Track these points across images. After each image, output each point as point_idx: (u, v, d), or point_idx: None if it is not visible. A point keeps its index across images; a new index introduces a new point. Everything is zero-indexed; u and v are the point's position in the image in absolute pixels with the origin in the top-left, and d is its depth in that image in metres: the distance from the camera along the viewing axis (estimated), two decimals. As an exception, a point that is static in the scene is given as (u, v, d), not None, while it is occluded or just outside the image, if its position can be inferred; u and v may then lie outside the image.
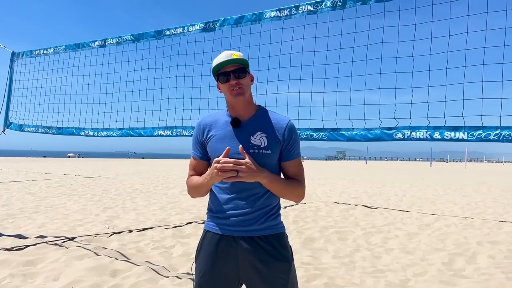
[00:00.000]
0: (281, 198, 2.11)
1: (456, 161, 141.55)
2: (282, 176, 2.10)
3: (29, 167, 27.45)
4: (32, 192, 12.12)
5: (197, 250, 2.12)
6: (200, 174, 2.11)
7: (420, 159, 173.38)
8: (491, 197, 14.06)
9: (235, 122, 2.03)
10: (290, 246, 2.07)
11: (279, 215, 2.07)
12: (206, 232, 2.10)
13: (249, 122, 2.04)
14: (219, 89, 2.09)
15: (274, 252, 1.96)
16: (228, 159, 1.85)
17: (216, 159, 1.88)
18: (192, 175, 2.16)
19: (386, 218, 8.86)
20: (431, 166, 63.00)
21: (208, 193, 2.13)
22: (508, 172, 41.93)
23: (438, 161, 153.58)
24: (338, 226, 7.77)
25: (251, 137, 1.99)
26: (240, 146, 1.90)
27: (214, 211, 2.06)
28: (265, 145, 1.97)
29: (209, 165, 2.12)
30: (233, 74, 1.99)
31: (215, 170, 1.86)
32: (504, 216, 9.66)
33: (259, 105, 2.13)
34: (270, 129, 2.01)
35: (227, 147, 1.90)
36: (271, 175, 1.95)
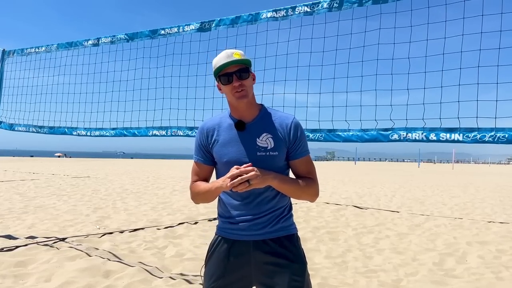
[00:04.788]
0: (291, 198, 2.07)
1: (444, 162, 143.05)
2: (292, 175, 2.05)
3: (16, 167, 27.09)
4: (21, 192, 11.96)
5: (207, 254, 2.08)
6: (204, 179, 2.08)
7: (408, 160, 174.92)
8: (479, 198, 14.24)
9: (240, 125, 1.97)
10: (302, 248, 2.04)
11: (291, 216, 2.03)
12: (217, 237, 2.06)
13: (254, 124, 1.98)
14: (220, 89, 2.01)
15: (288, 254, 1.92)
16: (234, 172, 1.79)
17: (233, 172, 1.82)
18: (196, 181, 2.09)
19: (376, 219, 8.92)
20: (419, 167, 63.60)
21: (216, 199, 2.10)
22: (495, 173, 42.52)
23: (426, 162, 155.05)
24: (329, 227, 7.80)
25: (257, 139, 1.94)
26: (245, 165, 1.84)
27: (225, 216, 2.02)
28: (272, 146, 1.93)
29: (215, 169, 2.10)
30: (235, 75, 1.91)
31: (228, 184, 1.81)
32: (492, 216, 9.80)
33: (261, 105, 2.09)
34: (275, 129, 1.96)
35: (250, 163, 1.84)
36: (280, 175, 1.91)
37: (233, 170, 1.81)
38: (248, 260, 1.94)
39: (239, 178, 1.77)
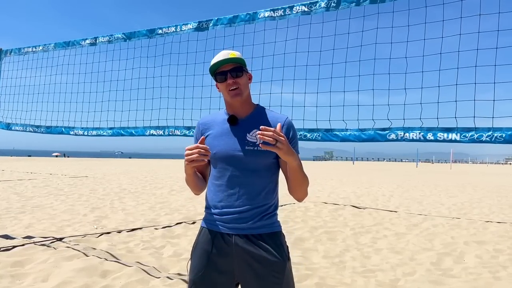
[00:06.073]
0: (278, 198, 2.10)
1: (442, 162, 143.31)
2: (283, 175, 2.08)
3: (14, 166, 27.03)
4: (18, 192, 11.92)
5: (193, 247, 2.11)
6: (199, 172, 2.15)
7: (406, 160, 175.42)
8: (477, 197, 14.27)
9: (232, 120, 2.04)
10: (287, 246, 2.06)
11: (275, 214, 2.06)
12: (202, 229, 2.10)
13: (246, 120, 2.05)
14: (218, 88, 2.10)
15: (268, 251, 1.95)
16: (270, 128, 1.77)
17: (188, 146, 1.88)
18: None
19: (374, 218, 8.93)
20: (417, 167, 63.68)
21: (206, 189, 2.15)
22: (492, 173, 42.61)
23: (424, 162, 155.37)
24: (327, 226, 7.80)
25: (247, 134, 2.00)
26: (279, 124, 1.85)
27: (211, 208, 2.06)
28: (260, 142, 1.96)
29: (209, 163, 2.14)
30: (230, 73, 2.00)
31: (189, 157, 1.86)
32: (490, 216, 9.81)
33: (257, 104, 2.15)
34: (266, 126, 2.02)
35: (202, 137, 1.92)
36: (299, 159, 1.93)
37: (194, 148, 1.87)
38: (230, 253, 1.97)
39: (272, 133, 1.75)
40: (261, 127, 1.78)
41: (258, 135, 1.77)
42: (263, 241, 1.96)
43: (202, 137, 1.91)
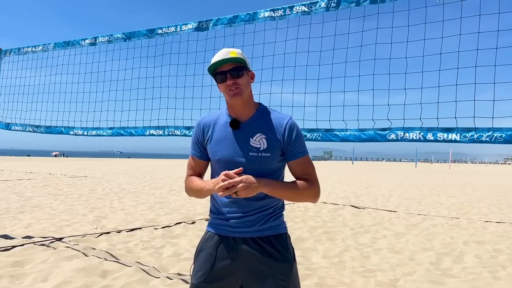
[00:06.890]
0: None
1: (441, 162, 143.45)
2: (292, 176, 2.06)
3: (13, 166, 27.00)
4: (17, 191, 11.91)
5: (196, 250, 2.09)
6: (198, 174, 2.11)
7: (406, 160, 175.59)
8: (476, 197, 14.28)
9: (234, 124, 1.98)
10: (293, 247, 2.04)
11: (281, 215, 2.04)
12: (207, 233, 2.08)
13: (249, 123, 1.99)
14: (219, 88, 2.05)
15: (275, 253, 1.93)
16: (223, 183, 1.81)
17: (224, 173, 1.84)
18: (191, 175, 2.13)
19: (374, 218, 8.93)
20: (416, 166, 63.70)
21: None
22: (492, 173, 42.64)
23: (423, 162, 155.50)
24: (327, 226, 7.81)
25: (251, 139, 1.95)
26: (235, 170, 1.86)
27: (216, 212, 2.04)
28: (264, 147, 1.93)
29: (209, 165, 2.11)
30: (229, 73, 1.94)
31: (217, 187, 1.84)
32: (489, 216, 9.82)
33: (259, 104, 2.08)
34: (269, 130, 1.96)
35: (241, 168, 1.87)
36: (272, 182, 1.90)
37: (222, 177, 1.83)
38: (236, 257, 1.95)
39: (227, 191, 1.80)
40: (217, 186, 1.83)
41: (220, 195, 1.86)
42: (270, 243, 1.95)
43: (241, 168, 1.87)
